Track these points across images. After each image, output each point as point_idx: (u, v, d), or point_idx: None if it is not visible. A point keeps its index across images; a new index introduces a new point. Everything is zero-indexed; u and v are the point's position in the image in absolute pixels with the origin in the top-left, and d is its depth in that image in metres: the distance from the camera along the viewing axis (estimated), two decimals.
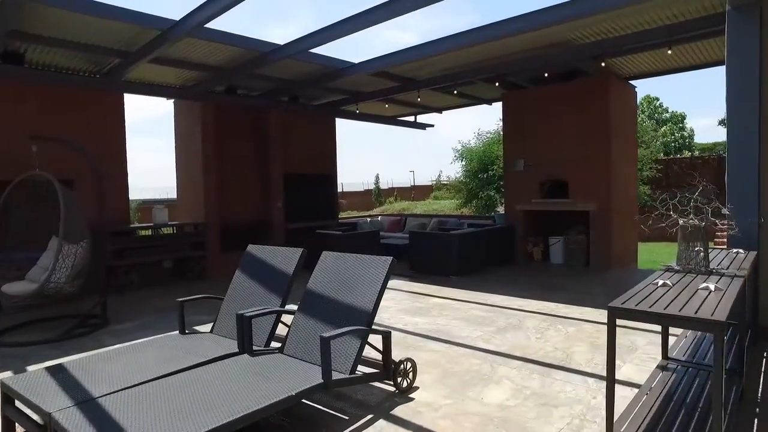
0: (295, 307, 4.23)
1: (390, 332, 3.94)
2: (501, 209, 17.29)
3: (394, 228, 13.35)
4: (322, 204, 11.78)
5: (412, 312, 6.40)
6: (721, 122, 27.50)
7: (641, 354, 4.59)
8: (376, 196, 42.24)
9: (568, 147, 9.42)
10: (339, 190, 46.44)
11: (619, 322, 2.55)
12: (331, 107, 11.79)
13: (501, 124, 20.39)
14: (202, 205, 9.43)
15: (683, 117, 34.64)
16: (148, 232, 9.22)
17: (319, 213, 11.62)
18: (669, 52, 7.40)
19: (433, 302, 6.93)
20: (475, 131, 21.66)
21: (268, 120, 10.67)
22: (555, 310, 6.25)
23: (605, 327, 2.59)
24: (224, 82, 9.59)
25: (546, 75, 8.31)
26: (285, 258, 4.50)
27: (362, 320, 3.71)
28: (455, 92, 9.53)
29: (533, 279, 8.41)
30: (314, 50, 7.52)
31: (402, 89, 10.17)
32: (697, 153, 27.79)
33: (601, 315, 5.80)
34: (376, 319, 4.11)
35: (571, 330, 5.44)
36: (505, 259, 9.93)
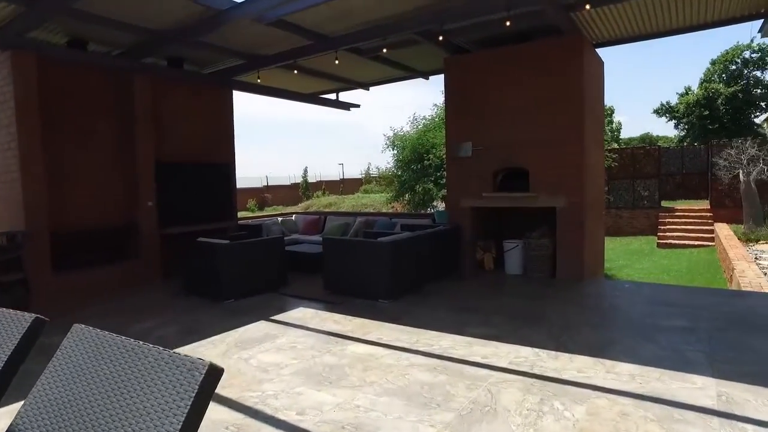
0: None
1: None
2: (440, 205, 15.26)
3: (310, 229, 10.84)
4: (216, 202, 9.05)
5: (316, 379, 3.97)
6: (656, 111, 27.19)
7: None
8: (303, 190, 39.89)
9: (528, 127, 7.34)
10: (264, 183, 43.45)
11: None
12: (223, 76, 9.07)
13: (436, 110, 18.57)
14: (21, 205, 6.46)
15: (612, 111, 34.53)
16: None
17: (210, 213, 8.89)
18: None
19: (353, 353, 4.54)
20: (409, 117, 19.46)
21: (132, 88, 7.81)
22: (540, 365, 4.06)
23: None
24: (60, 29, 6.68)
25: (508, 23, 6.13)
26: None
27: None
28: (383, 51, 7.21)
29: (492, 302, 6.24)
30: None
31: (314, 49, 7.69)
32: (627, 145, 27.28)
33: (616, 376, 3.68)
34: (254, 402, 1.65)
35: (579, 413, 3.24)
36: (449, 269, 7.74)
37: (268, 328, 5.31)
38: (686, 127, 25.72)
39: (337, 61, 7.65)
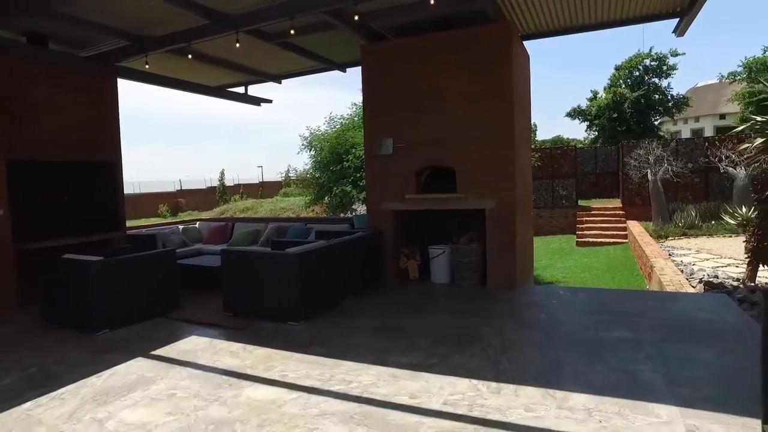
0: None
1: None
2: (361, 208, 14.48)
3: (216, 238, 9.64)
4: (96, 208, 7.62)
5: None
6: (569, 114, 28.15)
7: None
8: (220, 193, 37.97)
9: (455, 122, 6.70)
10: (178, 187, 40.93)
11: None
12: (105, 60, 7.70)
13: (355, 108, 17.76)
14: None
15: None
16: None
17: (89, 223, 7.44)
18: None
19: (249, 400, 3.57)
20: (326, 116, 18.53)
21: None
22: (480, 404, 3.32)
23: None
24: None
25: (432, 1, 5.41)
26: None
27: None
28: (291, 32, 6.27)
29: (419, 319, 5.48)
30: None
31: (210, 30, 6.60)
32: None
33: (570, 413, 3.01)
34: None
35: None
36: (370, 280, 6.92)
37: (144, 369, 4.19)
38: (597, 129, 26.86)
39: (237, 44, 6.59)
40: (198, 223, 10.45)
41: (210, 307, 5.99)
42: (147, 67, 7.43)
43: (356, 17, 5.85)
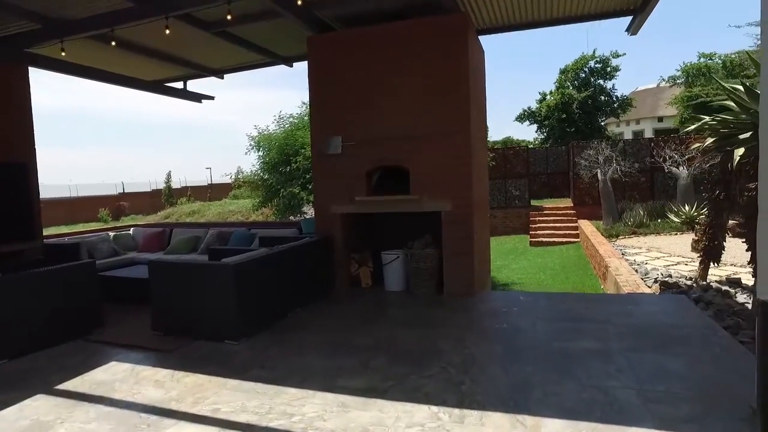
0: None
1: None
2: (311, 211, 13.87)
3: (152, 246, 8.84)
4: (4, 216, 6.71)
5: None
6: (519, 116, 28.46)
7: None
8: (166, 196, 36.31)
9: (408, 118, 6.28)
10: (119, 191, 39.04)
11: None
12: (12, 45, 6.80)
13: (304, 108, 17.13)
14: None
15: None
16: None
17: None
18: None
19: None
20: (275, 115, 17.81)
21: None
22: None
23: None
24: None
25: None
26: None
27: None
28: (228, 18, 5.67)
29: (372, 334, 4.99)
30: None
31: (136, 14, 5.89)
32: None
33: None
34: None
35: None
36: (319, 290, 6.39)
37: (42, 410, 3.51)
38: (547, 130, 27.28)
39: (167, 31, 5.91)
40: (132, 229, 9.57)
41: (138, 326, 5.29)
42: (63, 54, 6.61)
43: (300, 2, 5.32)
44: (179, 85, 9.72)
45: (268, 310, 5.21)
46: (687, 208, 14.01)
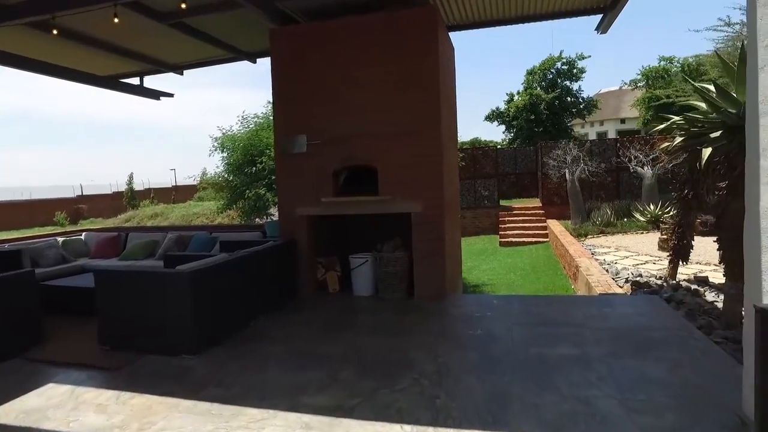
0: None
1: None
2: (277, 213, 13.45)
3: (107, 251, 8.32)
4: None
5: None
6: (488, 117, 28.59)
7: None
8: (128, 198, 35.17)
9: (377, 115, 6.01)
10: (78, 193, 37.53)
11: None
12: None
13: (270, 107, 16.70)
14: None
15: None
16: None
17: None
18: None
19: None
20: (239, 115, 17.31)
21: None
22: None
23: None
24: None
25: None
26: None
27: None
28: (183, 6, 5.30)
29: (339, 343, 4.69)
30: None
31: (79, 1, 5.44)
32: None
33: None
34: None
35: None
36: (284, 297, 6.06)
37: None
38: (515, 130, 27.50)
39: (116, 19, 5.48)
40: (84, 234, 8.99)
41: (83, 341, 4.85)
42: None
43: None
44: (137, 81, 9.22)
45: (227, 320, 4.85)
46: (652, 207, 14.20)
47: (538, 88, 27.39)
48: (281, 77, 6.54)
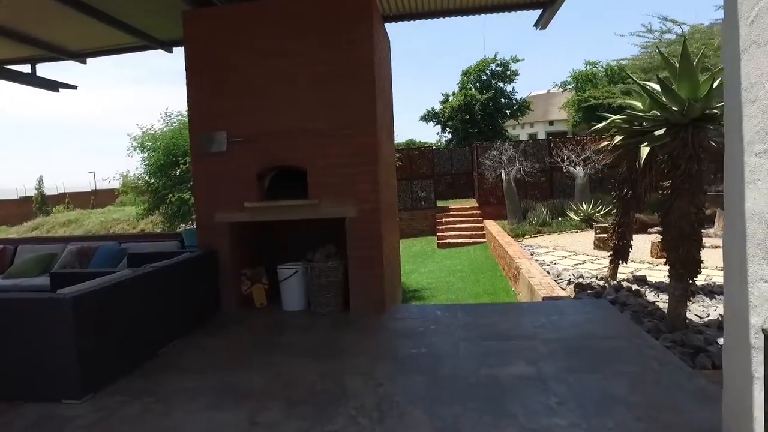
0: None
1: None
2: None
3: None
4: None
5: None
6: (423, 117, 28.55)
7: None
8: (39, 204, 32.35)
9: (305, 110, 5.39)
10: None
11: None
12: None
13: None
14: None
15: None
16: None
17: None
18: None
19: None
20: (162, 113, 16.10)
21: None
22: None
23: None
24: None
25: None
26: None
27: None
28: None
29: (264, 369, 4.03)
30: None
31: None
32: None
33: None
34: None
35: None
36: (203, 315, 5.31)
37: None
38: (451, 131, 27.63)
39: (6, 4, 4.54)
40: None
41: None
42: None
43: None
44: (26, 68, 8.01)
45: (128, 351, 4.07)
46: (585, 206, 14.45)
47: (473, 89, 27.68)
48: (196, 66, 5.75)
